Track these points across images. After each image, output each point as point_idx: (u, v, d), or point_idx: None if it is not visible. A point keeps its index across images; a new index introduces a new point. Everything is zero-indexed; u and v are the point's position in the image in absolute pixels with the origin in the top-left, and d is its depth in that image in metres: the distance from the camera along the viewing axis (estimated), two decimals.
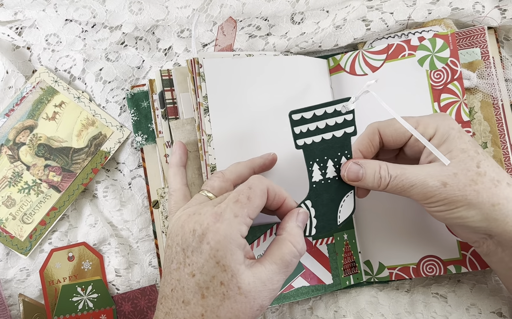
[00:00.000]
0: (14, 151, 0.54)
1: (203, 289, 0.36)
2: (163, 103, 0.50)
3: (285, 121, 0.42)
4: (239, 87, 0.48)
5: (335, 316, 0.53)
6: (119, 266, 0.54)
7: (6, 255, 0.54)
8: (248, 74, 0.48)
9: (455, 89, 0.50)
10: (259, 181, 0.39)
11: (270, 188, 0.40)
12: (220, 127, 0.46)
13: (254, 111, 0.48)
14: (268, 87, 0.49)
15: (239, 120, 0.47)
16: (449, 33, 0.50)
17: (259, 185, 0.39)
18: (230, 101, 0.47)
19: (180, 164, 0.48)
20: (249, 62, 0.48)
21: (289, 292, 0.48)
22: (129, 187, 0.56)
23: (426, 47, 0.51)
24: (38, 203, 0.54)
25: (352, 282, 0.52)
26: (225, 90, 0.47)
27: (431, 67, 0.50)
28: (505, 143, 0.50)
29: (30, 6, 0.54)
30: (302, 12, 0.56)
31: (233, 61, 0.48)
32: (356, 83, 0.53)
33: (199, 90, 0.46)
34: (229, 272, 0.36)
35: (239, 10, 0.54)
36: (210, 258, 0.36)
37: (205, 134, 0.46)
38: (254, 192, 0.38)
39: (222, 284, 0.36)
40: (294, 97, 0.50)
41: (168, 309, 0.38)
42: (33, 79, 0.56)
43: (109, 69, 0.56)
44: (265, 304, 0.37)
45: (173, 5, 0.55)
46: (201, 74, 0.46)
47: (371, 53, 0.53)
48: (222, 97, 0.47)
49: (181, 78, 0.49)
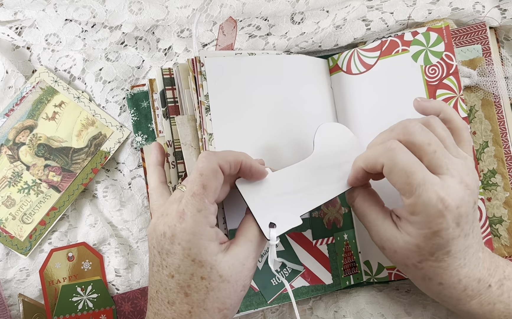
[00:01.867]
0: (14, 151, 0.54)
1: (184, 288, 0.36)
2: (164, 102, 0.50)
3: (286, 120, 0.41)
4: (241, 85, 0.47)
5: (335, 316, 0.53)
6: (119, 266, 0.54)
7: (6, 255, 0.54)
8: (250, 72, 0.48)
9: (451, 84, 0.49)
10: (207, 161, 0.38)
11: (224, 161, 0.38)
12: (222, 126, 0.46)
13: (256, 110, 0.48)
14: (270, 86, 0.49)
15: (240, 119, 0.47)
16: (443, 26, 0.49)
17: (209, 166, 0.37)
18: (231, 100, 0.47)
19: (156, 163, 0.48)
20: (251, 61, 0.48)
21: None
22: (129, 187, 0.56)
23: (420, 42, 0.50)
24: (38, 203, 0.54)
25: (352, 282, 0.52)
26: (227, 89, 0.47)
27: (425, 62, 0.49)
28: (507, 142, 0.50)
29: (30, 6, 0.54)
30: (302, 12, 0.56)
31: (235, 59, 0.47)
32: (352, 82, 0.53)
33: (200, 89, 0.46)
34: (207, 266, 0.36)
35: (239, 10, 0.54)
36: (185, 258, 0.36)
37: (207, 133, 0.46)
38: (207, 177, 0.37)
39: (203, 279, 0.36)
40: (295, 96, 0.50)
41: (156, 309, 0.38)
42: (33, 79, 0.56)
43: (109, 69, 0.56)
44: (247, 283, 0.38)
45: (173, 5, 0.55)
46: (203, 73, 0.46)
47: (365, 51, 0.52)
48: (224, 96, 0.46)
49: (185, 75, 0.49)
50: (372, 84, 0.51)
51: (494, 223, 0.49)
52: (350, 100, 0.53)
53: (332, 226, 0.51)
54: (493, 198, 0.49)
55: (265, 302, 0.46)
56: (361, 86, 0.52)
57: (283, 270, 0.48)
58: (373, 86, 0.51)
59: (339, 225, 0.52)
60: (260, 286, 0.47)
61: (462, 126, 0.42)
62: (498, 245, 0.49)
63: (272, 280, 0.47)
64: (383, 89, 0.51)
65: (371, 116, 0.51)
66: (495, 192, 0.49)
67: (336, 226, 0.52)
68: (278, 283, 0.47)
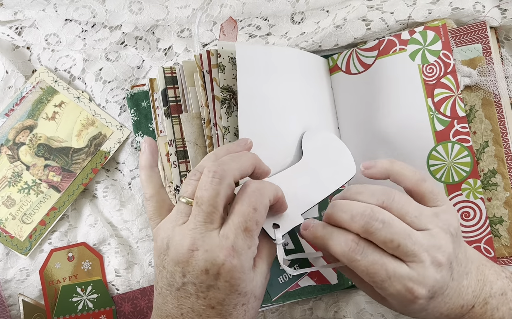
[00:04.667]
0: (14, 151, 0.54)
1: (225, 316, 0.36)
2: (165, 101, 0.49)
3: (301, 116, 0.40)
4: (268, 76, 0.45)
5: (335, 316, 0.53)
6: (119, 266, 0.54)
7: (6, 255, 0.54)
8: (275, 64, 0.46)
9: (448, 83, 0.49)
10: (261, 196, 0.36)
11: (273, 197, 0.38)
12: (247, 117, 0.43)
13: (277, 104, 0.46)
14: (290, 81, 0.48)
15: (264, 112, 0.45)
16: (440, 24, 0.49)
17: (263, 201, 0.36)
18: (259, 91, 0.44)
19: (153, 165, 0.43)
20: (277, 52, 0.47)
21: (295, 291, 0.48)
22: (129, 187, 0.56)
23: (417, 41, 0.50)
24: (38, 203, 0.54)
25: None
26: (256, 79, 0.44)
27: (423, 61, 0.49)
28: (507, 141, 0.49)
29: (30, 6, 0.54)
30: (302, 12, 0.56)
31: (265, 48, 0.45)
32: (351, 82, 0.53)
33: (214, 82, 0.44)
34: (249, 294, 0.36)
35: (239, 10, 0.54)
36: (231, 293, 0.35)
37: (220, 128, 0.44)
38: (260, 214, 0.36)
39: (243, 305, 0.36)
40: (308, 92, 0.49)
41: None
42: (33, 79, 0.56)
43: (109, 69, 0.56)
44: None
45: (173, 5, 0.55)
46: (220, 65, 0.44)
47: (363, 50, 0.52)
48: (252, 85, 0.44)
49: (189, 72, 0.48)
50: (370, 84, 0.51)
51: (495, 223, 0.49)
52: (350, 100, 0.53)
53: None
54: (493, 198, 0.49)
55: (269, 299, 0.46)
56: (360, 86, 0.52)
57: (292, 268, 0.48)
58: (371, 85, 0.51)
59: None
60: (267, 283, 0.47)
61: (416, 181, 0.40)
62: (498, 245, 0.49)
63: (279, 278, 0.47)
64: (381, 88, 0.51)
65: (369, 116, 0.51)
66: (495, 192, 0.49)
67: None
68: (284, 281, 0.47)
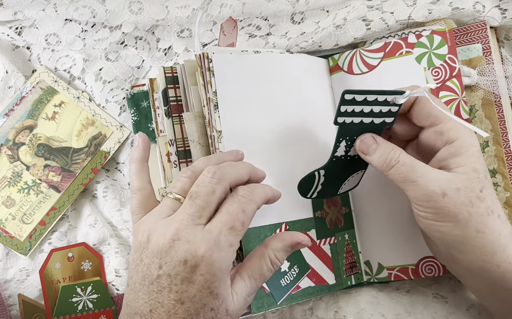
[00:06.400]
0: (14, 151, 0.54)
1: (192, 315, 0.36)
2: (166, 101, 0.49)
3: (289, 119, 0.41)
4: (247, 82, 0.47)
5: (335, 316, 0.53)
6: (119, 266, 0.54)
7: (6, 255, 0.54)
8: (256, 70, 0.48)
9: (453, 86, 0.49)
10: (252, 201, 0.37)
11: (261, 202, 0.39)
12: (229, 123, 0.45)
13: (261, 108, 0.48)
14: (274, 84, 0.49)
15: (246, 117, 0.47)
16: (447, 29, 0.50)
17: (252, 206, 0.37)
18: (238, 97, 0.46)
19: (144, 159, 0.43)
20: (257, 58, 0.48)
21: (297, 293, 0.48)
22: (129, 187, 0.56)
23: (423, 44, 0.50)
24: (37, 203, 0.54)
25: (353, 282, 0.52)
26: (234, 86, 0.46)
27: (429, 65, 0.50)
28: (507, 141, 0.50)
29: (29, 5, 0.54)
30: (302, 12, 0.56)
31: (242, 56, 0.47)
32: (354, 82, 0.53)
33: (208, 85, 0.45)
34: (220, 299, 0.36)
35: (239, 10, 0.54)
36: (204, 289, 0.35)
37: (215, 130, 0.45)
38: (247, 216, 0.37)
39: (212, 310, 0.36)
40: (298, 95, 0.50)
41: None
42: (32, 79, 0.56)
43: (109, 69, 0.56)
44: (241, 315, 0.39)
45: (173, 4, 0.54)
46: (211, 69, 0.45)
47: (368, 51, 0.53)
48: (231, 92, 0.46)
49: (191, 71, 0.48)
50: (374, 85, 0.52)
51: None
52: None
53: (334, 226, 0.51)
54: None
55: (275, 303, 0.46)
56: (363, 86, 0.52)
57: (291, 270, 0.48)
58: (375, 86, 0.51)
59: (340, 225, 0.52)
60: (272, 287, 0.46)
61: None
62: None
63: (281, 281, 0.47)
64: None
65: None
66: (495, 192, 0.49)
67: (338, 226, 0.52)
68: (286, 284, 0.47)
